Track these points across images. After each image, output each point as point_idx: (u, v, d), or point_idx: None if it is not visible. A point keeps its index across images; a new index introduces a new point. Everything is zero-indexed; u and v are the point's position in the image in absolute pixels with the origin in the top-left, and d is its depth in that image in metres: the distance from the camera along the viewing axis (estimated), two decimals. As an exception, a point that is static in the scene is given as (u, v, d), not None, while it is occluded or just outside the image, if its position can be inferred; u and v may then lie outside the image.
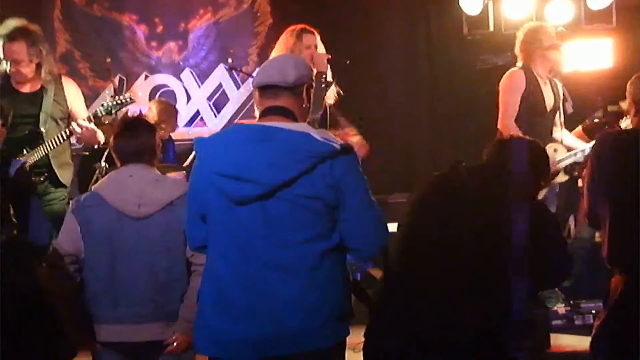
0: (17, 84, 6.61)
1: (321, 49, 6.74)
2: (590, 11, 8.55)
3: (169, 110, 8.15)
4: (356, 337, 4.13)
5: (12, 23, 6.59)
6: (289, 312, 3.65)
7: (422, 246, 4.10)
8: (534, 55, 7.09)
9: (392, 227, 4.26)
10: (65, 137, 6.55)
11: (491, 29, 8.63)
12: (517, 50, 7.17)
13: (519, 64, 7.12)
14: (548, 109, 7.10)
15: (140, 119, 5.01)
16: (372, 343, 4.19)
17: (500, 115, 6.99)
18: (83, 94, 9.22)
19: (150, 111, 8.03)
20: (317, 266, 3.67)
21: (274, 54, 6.75)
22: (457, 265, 3.97)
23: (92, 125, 6.57)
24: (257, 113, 4.15)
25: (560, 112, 7.17)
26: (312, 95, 3.96)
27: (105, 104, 6.65)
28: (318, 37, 6.79)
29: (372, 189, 3.80)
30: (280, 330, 3.65)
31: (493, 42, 8.66)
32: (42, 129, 6.57)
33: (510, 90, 7.01)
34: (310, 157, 3.64)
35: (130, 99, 6.77)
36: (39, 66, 6.61)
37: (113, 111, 6.66)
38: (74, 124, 6.56)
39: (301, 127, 3.74)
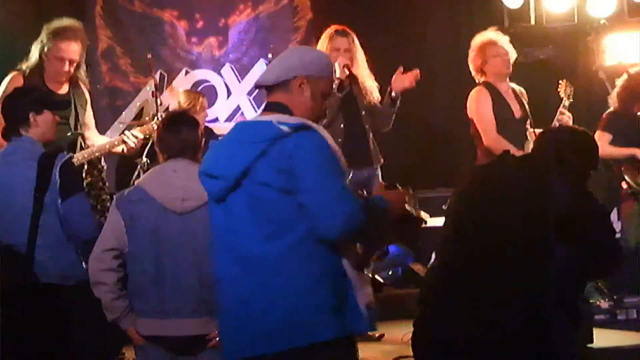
0: (54, 83, 6.54)
1: (355, 51, 6.73)
2: (633, 3, 8.50)
3: (196, 100, 8.06)
4: (405, 329, 4.11)
5: (66, 22, 6.57)
6: (248, 311, 3.60)
7: (471, 237, 4.09)
8: (484, 69, 7.20)
9: (437, 221, 4.26)
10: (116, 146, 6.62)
11: (532, 22, 8.59)
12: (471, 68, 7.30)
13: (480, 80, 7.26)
14: (517, 116, 7.19)
15: (182, 114, 5.03)
16: (422, 334, 4.18)
17: (482, 133, 7.08)
18: (124, 90, 9.41)
19: (178, 103, 7.99)
20: (281, 262, 3.55)
21: None
22: (508, 255, 3.96)
23: (140, 135, 6.62)
24: None
25: (530, 120, 7.22)
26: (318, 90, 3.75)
27: None
28: (353, 40, 6.78)
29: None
30: (241, 330, 3.64)
31: (535, 35, 8.62)
32: (84, 133, 6.62)
33: (480, 106, 7.14)
34: (258, 142, 3.57)
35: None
36: (76, 68, 6.62)
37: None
38: (129, 134, 6.59)
39: (275, 117, 3.65)
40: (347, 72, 6.68)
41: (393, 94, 6.64)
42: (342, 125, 6.62)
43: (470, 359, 3.98)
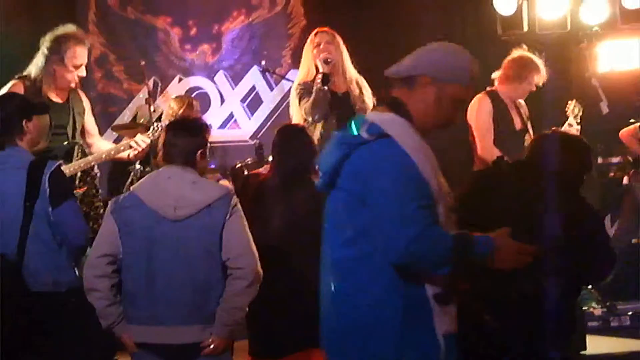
0: (60, 91, 6.53)
1: (337, 49, 6.73)
2: (625, 10, 8.50)
3: (188, 104, 8.06)
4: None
5: (70, 27, 6.56)
6: (326, 310, 3.48)
7: None
8: (512, 83, 7.21)
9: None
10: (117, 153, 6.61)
11: (525, 29, 8.59)
12: (500, 73, 7.28)
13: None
14: (517, 128, 7.20)
15: (185, 121, 5.01)
16: None
17: (477, 141, 7.09)
18: (118, 97, 9.40)
19: (171, 109, 7.97)
20: (352, 269, 3.36)
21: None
22: None
23: (148, 141, 6.62)
24: None
25: (530, 132, 7.23)
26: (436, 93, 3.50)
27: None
28: (335, 36, 6.80)
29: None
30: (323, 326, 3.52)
31: (527, 42, 8.60)
32: (80, 140, 6.60)
33: (479, 114, 7.15)
34: (344, 143, 3.38)
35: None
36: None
37: None
38: (138, 139, 6.58)
39: (374, 116, 3.43)
40: (328, 64, 6.66)
41: None
42: (334, 120, 6.60)
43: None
